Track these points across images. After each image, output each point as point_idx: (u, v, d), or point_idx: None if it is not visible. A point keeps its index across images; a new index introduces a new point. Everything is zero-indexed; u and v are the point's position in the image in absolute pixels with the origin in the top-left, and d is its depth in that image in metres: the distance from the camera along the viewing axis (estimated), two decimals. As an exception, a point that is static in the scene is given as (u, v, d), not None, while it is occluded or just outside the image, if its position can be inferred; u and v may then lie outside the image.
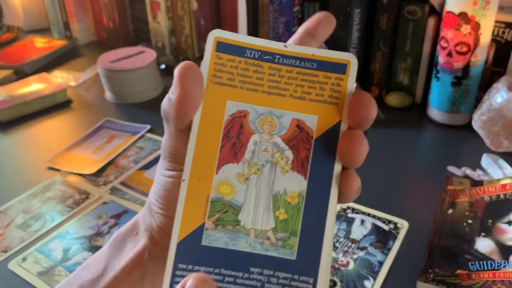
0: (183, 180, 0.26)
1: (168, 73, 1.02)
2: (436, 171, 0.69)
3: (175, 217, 0.25)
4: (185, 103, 0.25)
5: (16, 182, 0.70)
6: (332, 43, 0.89)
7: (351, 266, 0.54)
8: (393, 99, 0.86)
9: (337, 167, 0.26)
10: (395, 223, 0.59)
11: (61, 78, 1.01)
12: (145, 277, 0.29)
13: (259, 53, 0.27)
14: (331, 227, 0.25)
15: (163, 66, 1.03)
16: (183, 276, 0.24)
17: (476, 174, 0.67)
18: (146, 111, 0.89)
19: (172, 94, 0.26)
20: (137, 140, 0.79)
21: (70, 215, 0.63)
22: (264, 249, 0.25)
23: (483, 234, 0.55)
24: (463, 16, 0.70)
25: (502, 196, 0.59)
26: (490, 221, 0.56)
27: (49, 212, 0.64)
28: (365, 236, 0.58)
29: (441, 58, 0.75)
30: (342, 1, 0.85)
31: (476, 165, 0.70)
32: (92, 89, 0.98)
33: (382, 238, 0.57)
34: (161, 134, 0.80)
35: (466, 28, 0.71)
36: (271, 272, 0.25)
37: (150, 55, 0.93)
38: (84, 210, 0.64)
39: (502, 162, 0.69)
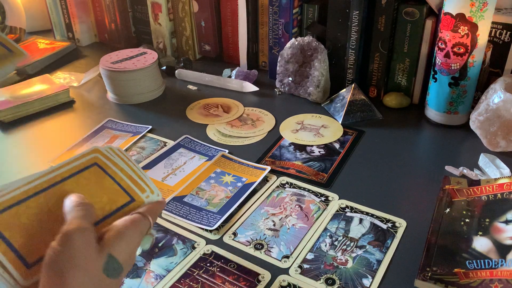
0: None
1: (169, 74, 1.03)
2: (434, 171, 0.70)
3: None
4: None
5: (19, 182, 0.71)
6: (332, 45, 0.90)
7: (350, 264, 0.54)
8: (391, 100, 0.87)
9: None
10: (393, 222, 0.60)
11: (63, 79, 1.02)
12: None
13: None
14: None
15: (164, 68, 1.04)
16: None
17: (474, 174, 0.68)
18: (148, 111, 0.89)
19: None
20: (138, 140, 0.80)
21: (73, 214, 0.63)
22: None
23: (480, 233, 0.55)
24: (461, 18, 0.71)
25: (499, 195, 0.59)
26: (487, 220, 0.56)
27: (52, 211, 0.64)
28: (363, 234, 0.58)
29: (439, 59, 0.76)
30: (341, 2, 0.85)
31: (474, 165, 0.70)
32: (94, 90, 0.99)
33: (381, 237, 0.58)
34: (163, 135, 0.81)
35: (463, 30, 0.71)
36: None
37: (151, 56, 0.94)
38: (87, 209, 0.64)
39: (499, 162, 0.69)
